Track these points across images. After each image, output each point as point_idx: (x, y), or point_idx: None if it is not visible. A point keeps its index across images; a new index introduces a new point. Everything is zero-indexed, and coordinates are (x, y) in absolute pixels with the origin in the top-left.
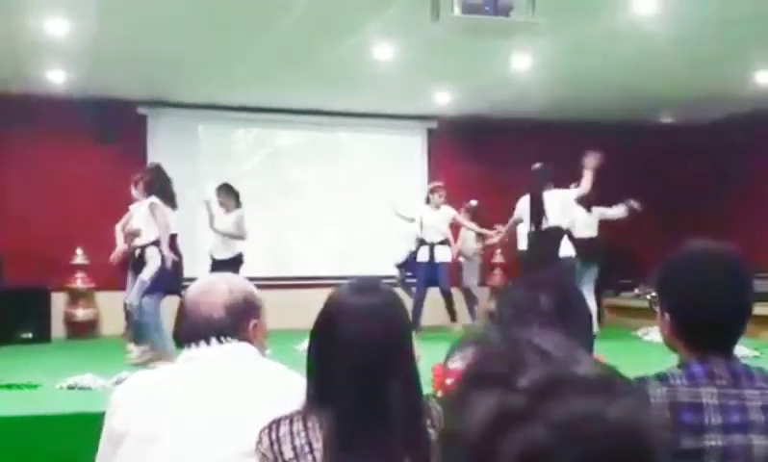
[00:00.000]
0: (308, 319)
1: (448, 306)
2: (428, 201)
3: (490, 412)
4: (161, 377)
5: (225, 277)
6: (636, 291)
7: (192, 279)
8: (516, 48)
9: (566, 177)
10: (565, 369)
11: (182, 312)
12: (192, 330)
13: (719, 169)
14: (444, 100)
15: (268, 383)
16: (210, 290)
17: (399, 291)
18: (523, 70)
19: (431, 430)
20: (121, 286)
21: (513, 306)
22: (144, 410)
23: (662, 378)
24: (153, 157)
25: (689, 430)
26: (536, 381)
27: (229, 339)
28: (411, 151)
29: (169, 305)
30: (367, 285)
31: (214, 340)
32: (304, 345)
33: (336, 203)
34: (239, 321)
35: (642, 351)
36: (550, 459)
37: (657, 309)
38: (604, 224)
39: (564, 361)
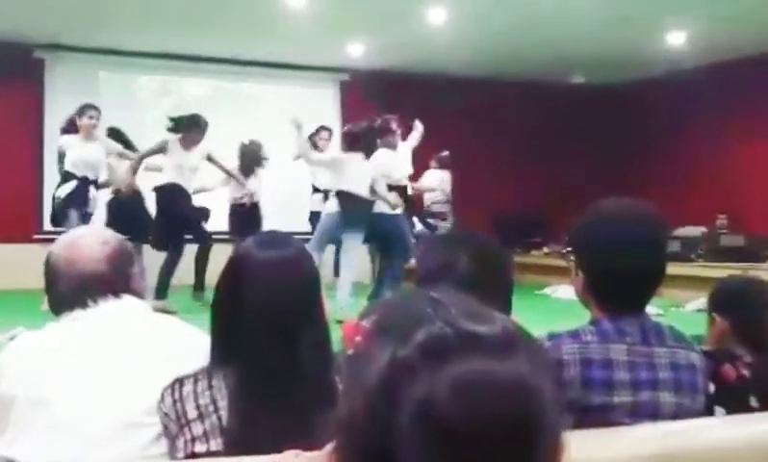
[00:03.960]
0: (210, 274)
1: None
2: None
3: (383, 365)
4: (50, 337)
5: (87, 231)
6: (545, 249)
7: None
8: (432, 2)
9: (480, 134)
10: (465, 326)
11: (54, 274)
12: (72, 292)
13: (632, 131)
14: (357, 53)
15: (167, 338)
16: (81, 244)
17: None
18: (438, 25)
19: (341, 386)
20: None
21: (432, 265)
22: (33, 372)
23: (574, 335)
24: (50, 104)
25: (599, 386)
26: (432, 337)
27: (118, 294)
28: (323, 104)
29: None
30: (274, 238)
31: (100, 297)
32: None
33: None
34: (121, 273)
35: (550, 308)
36: (442, 418)
37: (572, 265)
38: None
39: (465, 318)
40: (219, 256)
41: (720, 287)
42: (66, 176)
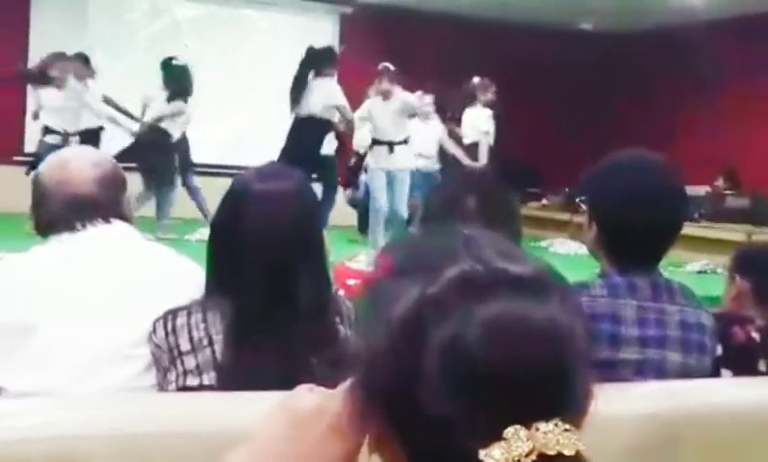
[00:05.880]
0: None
1: None
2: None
3: (411, 302)
4: (36, 261)
5: (79, 151)
6: (543, 201)
7: None
8: None
9: (484, 77)
10: (498, 265)
11: (42, 195)
12: (60, 213)
13: (635, 83)
14: None
15: (160, 266)
16: (71, 165)
17: None
18: None
19: (341, 327)
20: None
21: (438, 207)
22: (19, 298)
23: (583, 287)
24: (36, 25)
25: (606, 341)
26: (464, 274)
27: (108, 218)
28: (321, 37)
29: None
30: (275, 171)
31: (89, 220)
32: (197, 234)
33: (236, 86)
34: (112, 196)
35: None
36: (471, 358)
37: (585, 216)
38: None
39: (498, 257)
40: None
41: (745, 249)
42: (47, 131)
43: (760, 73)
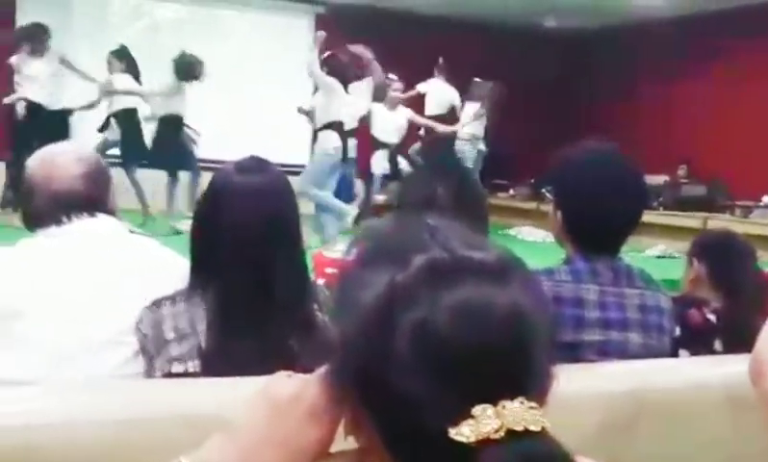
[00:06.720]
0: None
1: None
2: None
3: (381, 289)
4: (23, 253)
5: (65, 147)
6: (511, 191)
7: None
8: None
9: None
10: (463, 252)
11: (29, 191)
12: (46, 208)
13: (600, 77)
14: None
15: (145, 258)
16: (58, 160)
17: None
18: None
19: (318, 314)
20: None
21: (410, 197)
22: (6, 285)
23: (548, 273)
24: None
25: (569, 324)
26: (431, 262)
27: (94, 213)
28: (297, 36)
29: None
30: (253, 164)
31: (75, 215)
32: (183, 225)
33: (215, 84)
34: (97, 191)
35: (517, 249)
36: (439, 341)
37: (551, 205)
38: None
39: (462, 245)
40: None
41: (702, 236)
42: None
43: (717, 68)
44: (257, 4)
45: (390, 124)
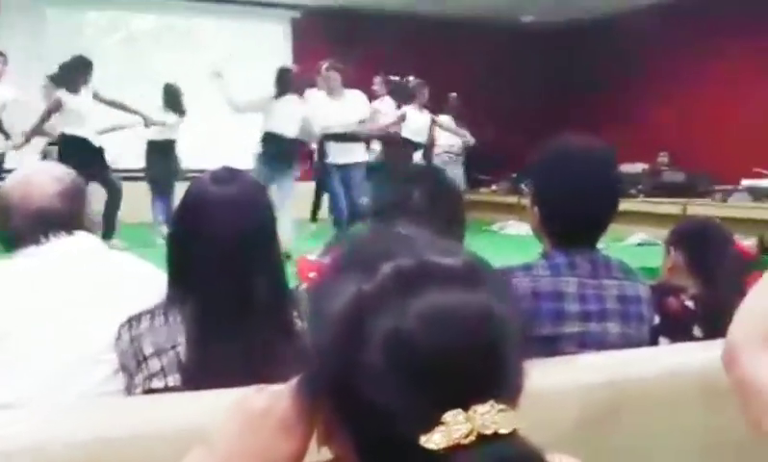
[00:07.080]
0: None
1: None
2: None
3: (349, 298)
4: (2, 273)
5: (40, 167)
6: (493, 186)
7: None
8: None
9: (431, 74)
10: (430, 259)
11: (6, 211)
12: (24, 228)
13: (578, 70)
14: None
15: (123, 274)
16: (34, 180)
17: None
18: None
19: (299, 321)
20: None
21: (386, 201)
22: None
23: (526, 268)
24: None
25: (549, 317)
26: (398, 270)
27: (72, 231)
28: (273, 42)
29: None
30: (228, 175)
31: (53, 233)
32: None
33: (194, 93)
34: (74, 209)
35: (500, 244)
36: (410, 348)
37: (528, 200)
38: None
39: (430, 252)
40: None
41: (680, 225)
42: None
43: (699, 58)
44: (232, 11)
45: (421, 125)
